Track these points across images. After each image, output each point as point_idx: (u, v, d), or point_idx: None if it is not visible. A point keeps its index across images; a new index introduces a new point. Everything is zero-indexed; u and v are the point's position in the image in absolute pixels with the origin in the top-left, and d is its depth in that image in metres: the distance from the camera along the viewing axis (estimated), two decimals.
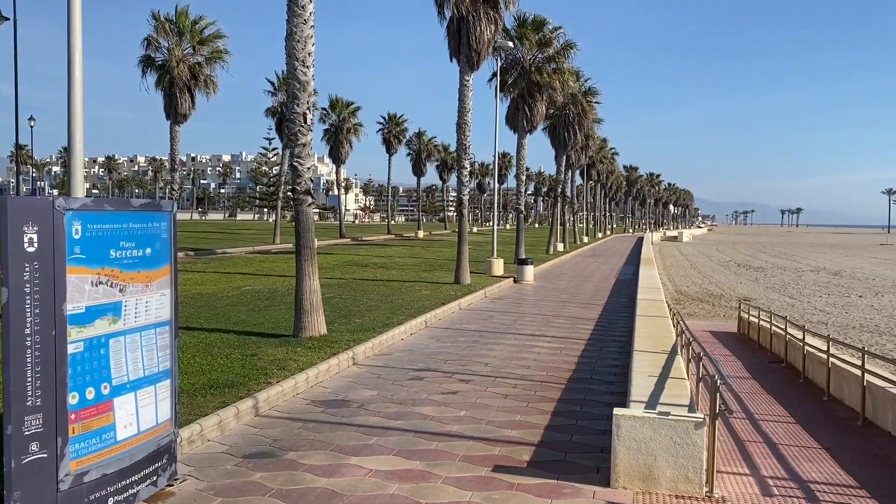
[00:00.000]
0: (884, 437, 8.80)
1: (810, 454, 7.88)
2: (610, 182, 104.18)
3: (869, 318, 24.60)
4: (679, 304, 28.27)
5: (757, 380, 13.22)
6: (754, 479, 6.78)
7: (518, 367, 11.01)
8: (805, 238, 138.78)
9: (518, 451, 6.97)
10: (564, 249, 49.60)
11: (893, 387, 8.69)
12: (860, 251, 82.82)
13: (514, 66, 33.01)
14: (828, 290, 35.22)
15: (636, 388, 7.40)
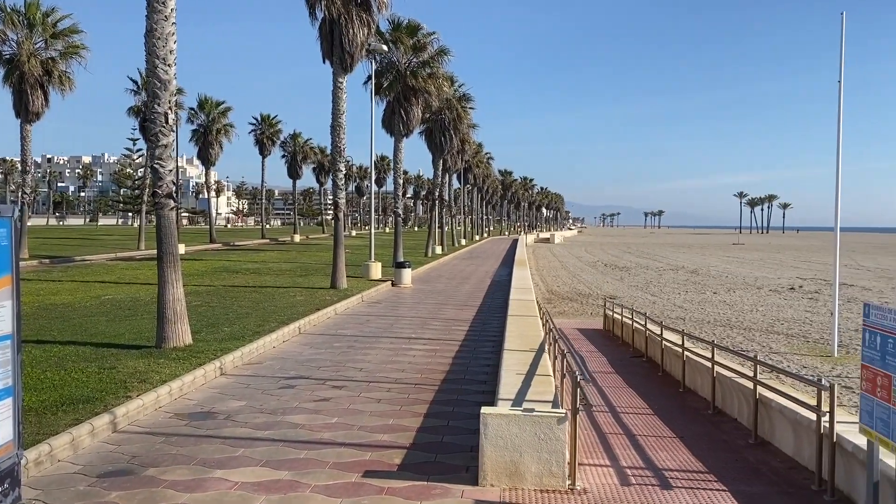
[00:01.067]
0: (731, 423, 9.48)
1: (666, 443, 8.37)
2: (486, 186, 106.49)
3: (721, 312, 26.42)
4: (550, 303, 29.26)
5: (620, 374, 13.90)
6: (614, 470, 7.12)
7: (393, 370, 11.02)
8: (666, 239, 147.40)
9: (389, 455, 6.98)
10: (443, 252, 50.20)
11: (738, 377, 9.38)
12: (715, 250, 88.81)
13: (389, 70, 33.08)
14: (686, 287, 37.51)
15: (504, 386, 7.59)
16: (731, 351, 11.19)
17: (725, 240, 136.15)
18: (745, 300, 30.40)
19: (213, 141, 57.49)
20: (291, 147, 78.89)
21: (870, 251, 77.54)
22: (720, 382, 10.17)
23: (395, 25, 32.07)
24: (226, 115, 58.71)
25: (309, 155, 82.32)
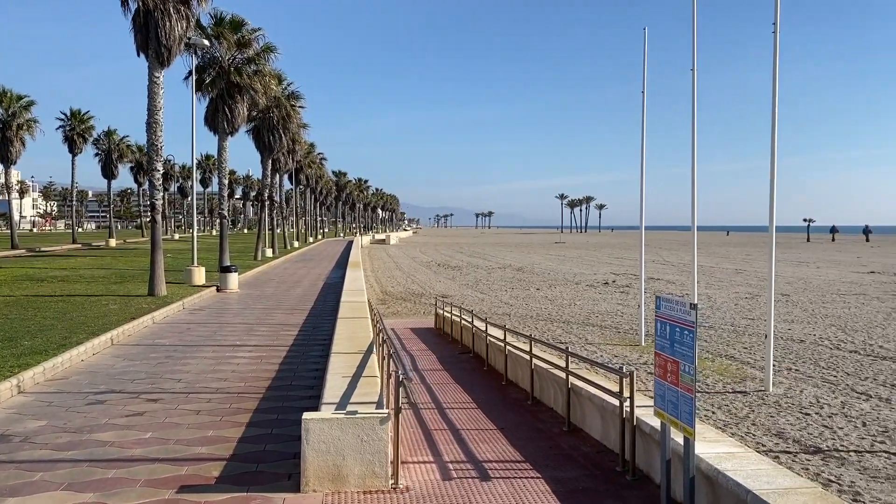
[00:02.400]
0: (548, 412, 10.02)
1: (487, 436, 8.70)
2: (320, 187, 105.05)
3: (544, 307, 27.84)
4: (385, 304, 29.42)
5: (448, 370, 14.26)
6: (437, 466, 7.29)
7: (215, 380, 10.59)
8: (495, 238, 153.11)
9: (207, 468, 6.69)
10: (274, 255, 48.90)
11: (553, 368, 9.93)
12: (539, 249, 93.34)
13: (212, 65, 31.74)
14: (512, 284, 39.14)
15: (329, 389, 7.53)
16: (547, 344, 11.83)
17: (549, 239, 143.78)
18: (565, 295, 32.24)
19: (13, 138, 52.28)
20: (106, 145, 73.38)
21: (674, 248, 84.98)
22: (538, 374, 10.72)
23: (218, 20, 30.84)
24: (28, 109, 53.61)
25: (126, 153, 76.98)
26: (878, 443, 8.96)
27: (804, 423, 9.94)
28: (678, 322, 5.73)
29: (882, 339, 17.15)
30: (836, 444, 8.97)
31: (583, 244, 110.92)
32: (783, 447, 8.89)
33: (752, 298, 27.66)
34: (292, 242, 70.87)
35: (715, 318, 21.59)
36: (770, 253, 12.55)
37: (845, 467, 8.01)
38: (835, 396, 11.48)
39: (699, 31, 14.77)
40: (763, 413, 10.54)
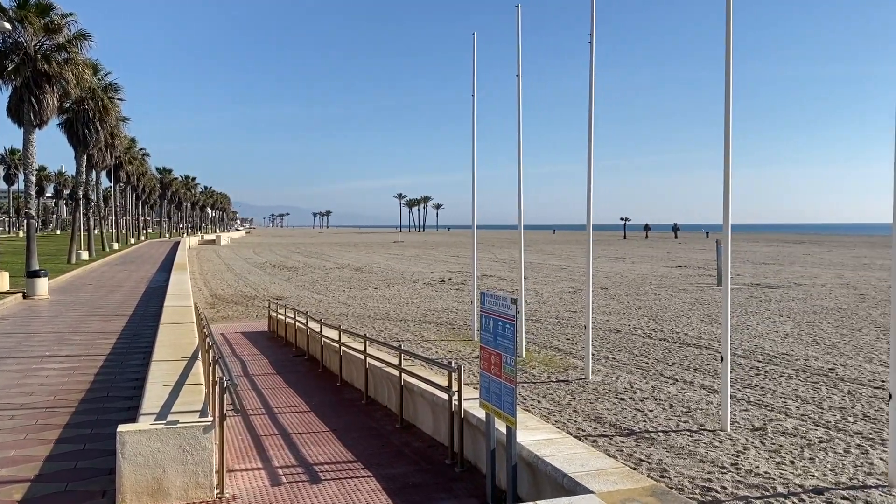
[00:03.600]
0: (382, 410, 10.08)
1: (320, 438, 8.60)
2: (142, 185, 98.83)
3: (381, 306, 27.94)
4: (214, 308, 28.22)
5: (281, 374, 13.94)
6: (266, 472, 7.10)
7: (19, 395, 9.66)
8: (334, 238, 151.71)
9: (8, 492, 6.10)
10: (91, 258, 45.40)
11: (386, 366, 10.00)
12: (379, 248, 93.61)
13: (15, 51, 28.90)
14: (350, 284, 38.95)
15: (148, 399, 7.10)
16: (381, 343, 11.91)
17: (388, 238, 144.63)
18: (403, 294, 32.57)
19: None
20: None
21: (506, 246, 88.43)
22: (372, 373, 10.75)
23: (22, 2, 28.14)
24: None
25: None
26: (682, 423, 9.80)
27: (619, 407, 10.68)
28: (500, 316, 5.97)
29: (687, 327, 18.81)
30: (646, 425, 9.71)
31: (421, 243, 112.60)
32: (601, 431, 9.51)
33: (574, 292, 29.36)
34: (111, 244, 66.17)
35: (541, 312, 22.69)
36: (588, 250, 13.37)
37: (654, 447, 8.70)
38: (646, 381, 12.43)
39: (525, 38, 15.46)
40: (583, 400, 11.21)
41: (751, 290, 28.70)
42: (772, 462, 7.86)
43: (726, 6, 9.03)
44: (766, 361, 13.86)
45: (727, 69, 9.08)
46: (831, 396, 10.94)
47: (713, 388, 11.57)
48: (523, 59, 15.40)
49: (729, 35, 9.04)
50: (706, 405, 10.53)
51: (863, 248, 68.09)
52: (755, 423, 9.45)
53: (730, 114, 9.15)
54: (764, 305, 23.26)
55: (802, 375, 12.50)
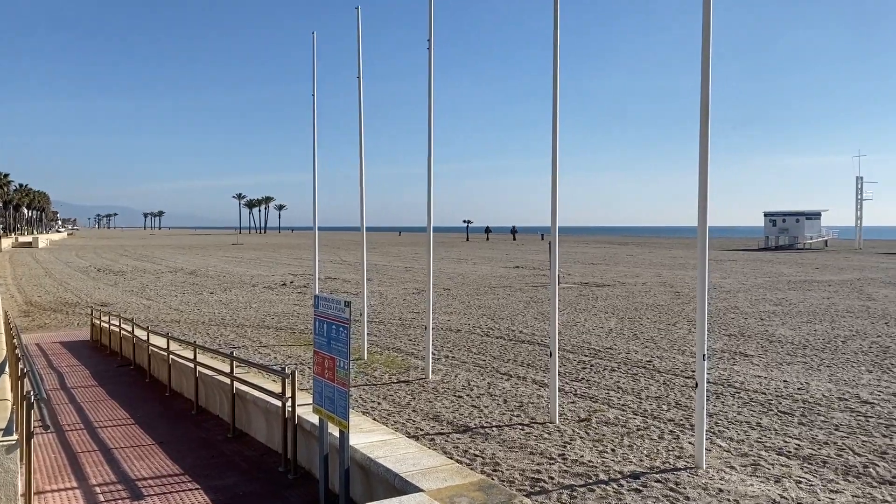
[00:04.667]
0: (213, 420, 9.66)
1: (144, 452, 8.09)
2: None
3: (217, 312, 26.83)
4: (28, 316, 25.85)
5: (104, 386, 13.00)
6: (82, 491, 6.58)
7: None
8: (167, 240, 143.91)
9: None
10: None
11: (218, 374, 9.60)
12: (215, 251, 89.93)
13: None
14: (184, 289, 37.10)
15: None
16: (212, 350, 11.42)
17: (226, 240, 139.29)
18: (241, 298, 31.48)
19: None
20: None
21: (351, 248, 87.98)
22: (203, 382, 10.28)
23: None
24: None
25: None
26: (515, 417, 10.18)
27: (457, 405, 10.92)
28: (334, 320, 5.90)
29: (522, 325, 19.59)
30: (482, 421, 9.99)
31: (262, 245, 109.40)
32: (439, 429, 9.66)
33: (418, 294, 29.71)
34: None
35: (385, 314, 22.76)
36: (429, 252, 13.57)
37: (488, 442, 8.96)
38: (483, 378, 12.79)
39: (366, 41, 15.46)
40: (423, 399, 11.35)
41: (580, 288, 30.40)
42: (595, 451, 8.34)
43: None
44: (592, 356, 14.71)
45: (554, 83, 9.54)
46: (649, 387, 11.79)
47: (544, 382, 12.12)
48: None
49: (557, 46, 9.50)
50: (537, 399, 11.00)
51: (679, 250, 74.21)
52: (581, 415, 10.00)
53: (556, 125, 9.62)
54: (591, 303, 24.71)
55: (624, 368, 13.39)
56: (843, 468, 7.68)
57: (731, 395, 11.08)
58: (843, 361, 13.91)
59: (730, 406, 10.44)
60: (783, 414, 9.98)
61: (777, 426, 9.35)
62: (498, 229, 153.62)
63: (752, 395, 11.12)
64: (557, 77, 9.50)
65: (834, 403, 10.57)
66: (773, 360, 14.11)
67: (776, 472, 7.53)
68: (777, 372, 12.90)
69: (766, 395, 11.06)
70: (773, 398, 10.90)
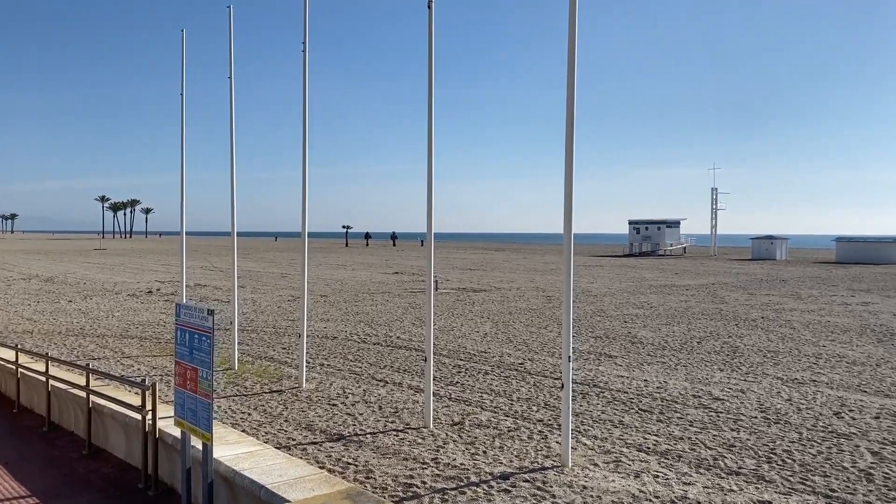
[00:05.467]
0: (67, 437, 9.04)
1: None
2: None
3: (76, 321, 25.18)
4: None
5: None
6: None
7: None
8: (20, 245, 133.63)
9: None
10: None
11: (73, 388, 9.00)
12: (76, 256, 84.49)
13: None
14: (38, 297, 34.57)
15: None
16: (65, 362, 10.70)
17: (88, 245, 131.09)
18: (102, 307, 29.69)
19: None
20: None
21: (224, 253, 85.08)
22: (56, 396, 9.61)
23: None
24: None
25: None
26: (389, 423, 10.17)
27: (331, 413, 10.77)
28: (197, 329, 5.68)
29: (400, 331, 19.62)
30: (356, 429, 9.91)
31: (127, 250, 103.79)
32: (311, 439, 9.49)
33: (294, 301, 29.13)
34: None
35: (259, 322, 22.15)
36: (303, 257, 13.34)
37: (362, 449, 8.90)
38: (359, 386, 12.70)
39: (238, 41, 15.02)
40: (296, 409, 11.12)
41: (457, 293, 30.85)
42: (467, 453, 8.47)
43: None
44: (468, 360, 14.95)
45: (429, 88, 9.64)
46: (520, 389, 12.11)
47: (419, 387, 12.18)
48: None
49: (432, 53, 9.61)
50: (412, 404, 11.04)
51: (552, 255, 76.88)
52: (455, 418, 10.13)
53: (432, 133, 9.73)
54: (468, 308, 25.13)
55: (497, 371, 13.69)
56: (695, 461, 8.19)
57: (596, 395, 11.58)
58: (698, 361, 14.87)
59: (595, 405, 10.90)
60: (643, 412, 10.54)
61: (638, 423, 9.85)
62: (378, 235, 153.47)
63: (616, 394, 11.67)
64: (432, 83, 9.61)
65: (689, 401, 11.26)
66: (634, 360, 14.87)
67: (636, 468, 7.93)
68: (638, 372, 13.61)
69: (628, 394, 11.64)
70: (634, 397, 11.48)
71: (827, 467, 8.01)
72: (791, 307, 25.95)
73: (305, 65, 12.93)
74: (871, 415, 10.44)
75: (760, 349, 16.43)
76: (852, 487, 7.37)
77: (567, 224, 7.91)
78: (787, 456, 8.42)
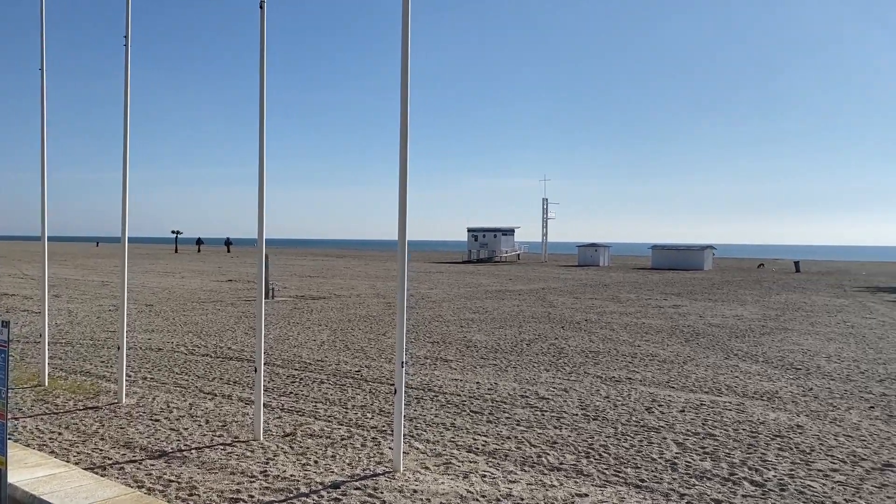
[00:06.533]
0: None
1: None
2: None
3: None
4: None
5: None
6: None
7: None
8: None
9: None
10: None
11: None
12: None
13: None
14: None
15: None
16: None
17: None
18: None
19: None
20: None
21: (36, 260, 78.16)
22: None
23: None
24: None
25: None
26: (217, 437, 9.76)
27: (153, 429, 10.17)
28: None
29: (231, 341, 18.90)
30: (180, 444, 9.41)
31: None
32: (130, 457, 8.90)
33: (116, 311, 27.22)
34: None
35: (74, 334, 20.49)
36: (123, 261, 12.52)
37: (186, 465, 8.47)
38: (185, 399, 12.08)
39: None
40: (114, 425, 10.39)
41: (295, 301, 30.25)
42: (298, 464, 8.30)
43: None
44: (303, 369, 14.68)
45: (261, 90, 9.39)
46: (356, 396, 12.07)
47: (250, 399, 11.80)
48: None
49: (263, 53, 9.37)
50: (242, 417, 10.67)
51: (393, 262, 77.41)
52: (287, 429, 9.90)
53: (263, 133, 9.48)
54: (306, 316, 24.70)
55: (333, 379, 13.55)
56: (520, 459, 8.54)
57: (430, 399, 11.77)
58: (527, 362, 15.54)
59: (428, 409, 11.08)
60: (474, 413, 10.85)
61: (468, 425, 10.13)
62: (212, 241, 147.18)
63: (449, 397, 11.93)
64: (264, 84, 9.37)
65: (517, 401, 11.74)
66: (469, 363, 15.30)
67: (465, 469, 8.14)
68: (471, 375, 14.00)
69: (461, 397, 11.94)
70: (466, 399, 11.79)
71: (638, 459, 8.64)
72: (612, 310, 27.83)
73: (127, 59, 12.16)
74: (678, 409, 11.40)
75: (583, 350, 17.47)
76: (659, 477, 8.00)
77: (401, 231, 8.00)
78: (604, 450, 9.00)
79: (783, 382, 13.77)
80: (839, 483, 7.86)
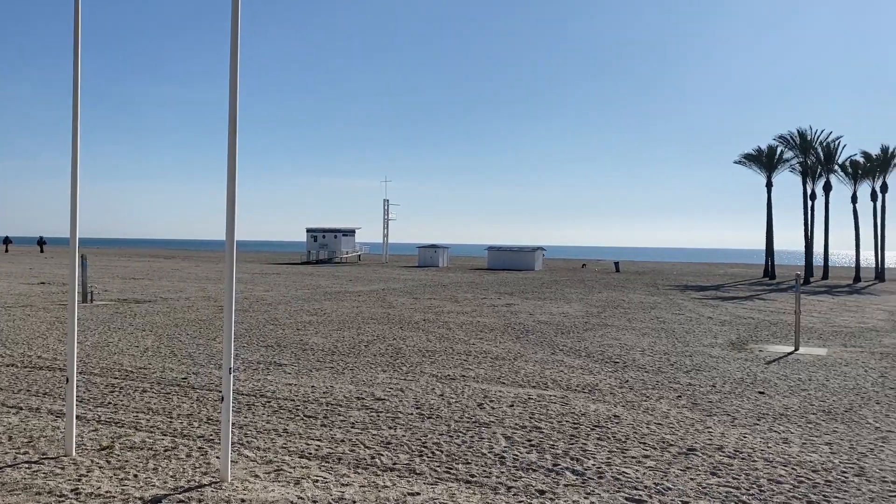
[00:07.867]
0: None
1: None
2: None
3: None
4: None
5: None
6: None
7: None
8: None
9: None
10: None
11: None
12: None
13: None
14: None
15: None
16: None
17: None
18: None
19: None
20: None
21: None
22: None
23: None
24: None
25: None
26: (21, 454, 8.91)
27: None
28: None
29: (42, 349, 17.34)
30: None
31: None
32: None
33: None
34: None
35: None
36: None
37: None
38: None
39: None
40: None
41: (117, 305, 28.29)
42: (115, 479, 7.76)
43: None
44: (124, 377, 13.75)
45: (75, 77, 8.68)
46: (182, 405, 11.46)
47: (61, 411, 10.87)
48: None
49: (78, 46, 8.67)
50: (52, 431, 9.81)
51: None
52: (103, 443, 9.22)
53: (77, 126, 8.77)
54: (129, 321, 23.16)
55: (157, 387, 12.79)
56: (354, 462, 8.50)
57: (262, 405, 11.43)
58: (364, 364, 15.52)
59: (260, 416, 10.75)
60: (308, 418, 10.66)
61: (302, 430, 9.94)
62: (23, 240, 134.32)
63: (283, 402, 11.64)
64: (79, 70, 8.68)
65: (353, 403, 11.68)
66: (304, 367, 15.02)
67: (297, 475, 7.98)
68: (307, 378, 13.76)
69: (295, 402, 11.69)
70: (300, 404, 11.57)
71: (469, 455, 8.88)
72: (449, 310, 28.47)
73: None
74: (507, 403, 11.85)
75: (420, 349, 17.72)
76: (488, 471, 8.26)
77: (229, 229, 7.70)
78: (437, 448, 9.16)
79: (603, 375, 14.71)
80: (650, 468, 8.51)
